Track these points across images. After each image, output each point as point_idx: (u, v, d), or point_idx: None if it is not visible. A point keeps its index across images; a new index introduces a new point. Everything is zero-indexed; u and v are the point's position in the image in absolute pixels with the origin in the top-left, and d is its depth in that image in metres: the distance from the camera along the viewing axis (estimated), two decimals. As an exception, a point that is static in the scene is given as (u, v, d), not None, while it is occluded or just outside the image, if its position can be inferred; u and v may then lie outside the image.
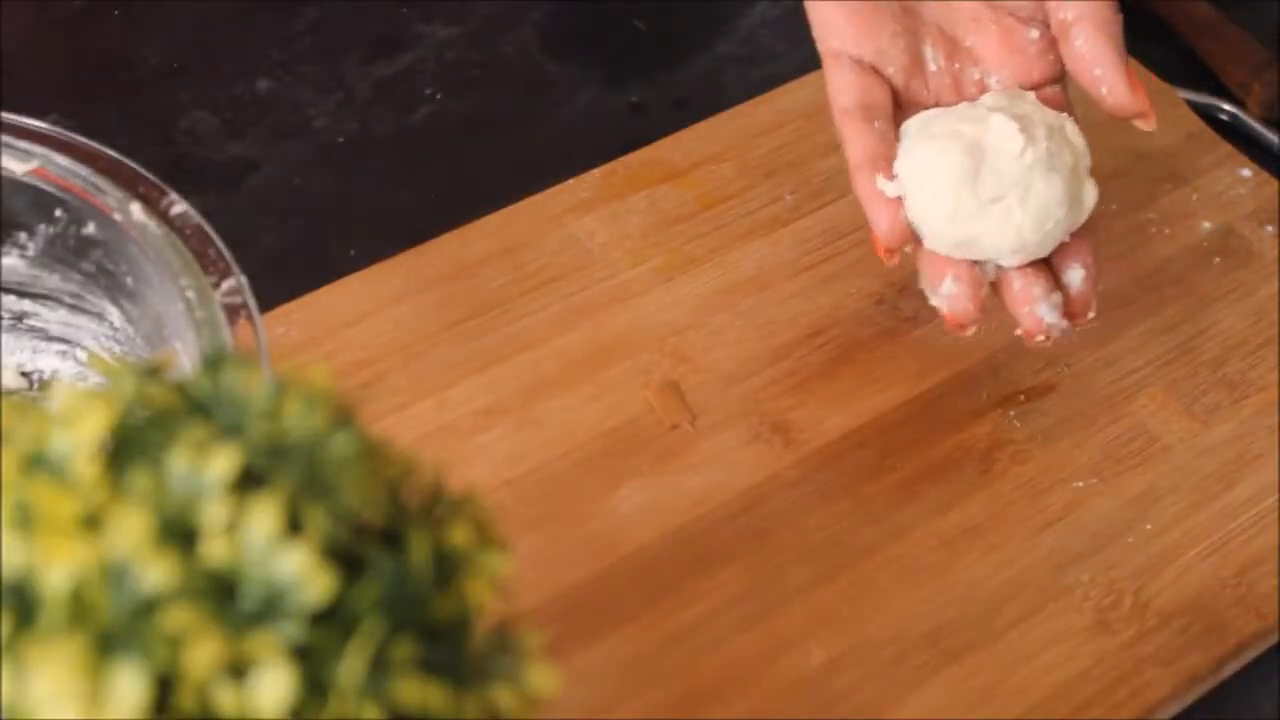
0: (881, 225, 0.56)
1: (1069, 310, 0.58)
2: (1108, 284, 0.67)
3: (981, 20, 0.60)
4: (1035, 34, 0.59)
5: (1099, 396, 0.63)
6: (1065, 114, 0.58)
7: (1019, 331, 0.57)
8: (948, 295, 0.57)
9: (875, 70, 0.59)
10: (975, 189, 0.55)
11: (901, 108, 0.59)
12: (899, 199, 0.56)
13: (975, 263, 0.57)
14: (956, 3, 0.60)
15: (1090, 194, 0.57)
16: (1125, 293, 0.67)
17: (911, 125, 0.58)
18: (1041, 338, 0.57)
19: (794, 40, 0.78)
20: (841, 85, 0.59)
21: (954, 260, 0.57)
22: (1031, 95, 0.59)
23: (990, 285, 0.57)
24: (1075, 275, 0.58)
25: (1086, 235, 0.58)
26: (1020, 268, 0.57)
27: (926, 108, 0.59)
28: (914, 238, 0.57)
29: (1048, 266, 0.58)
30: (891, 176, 0.57)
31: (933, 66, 0.60)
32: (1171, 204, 0.70)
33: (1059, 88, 0.60)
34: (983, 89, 0.60)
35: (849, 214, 0.68)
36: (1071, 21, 0.57)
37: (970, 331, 0.57)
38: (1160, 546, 0.59)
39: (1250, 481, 0.61)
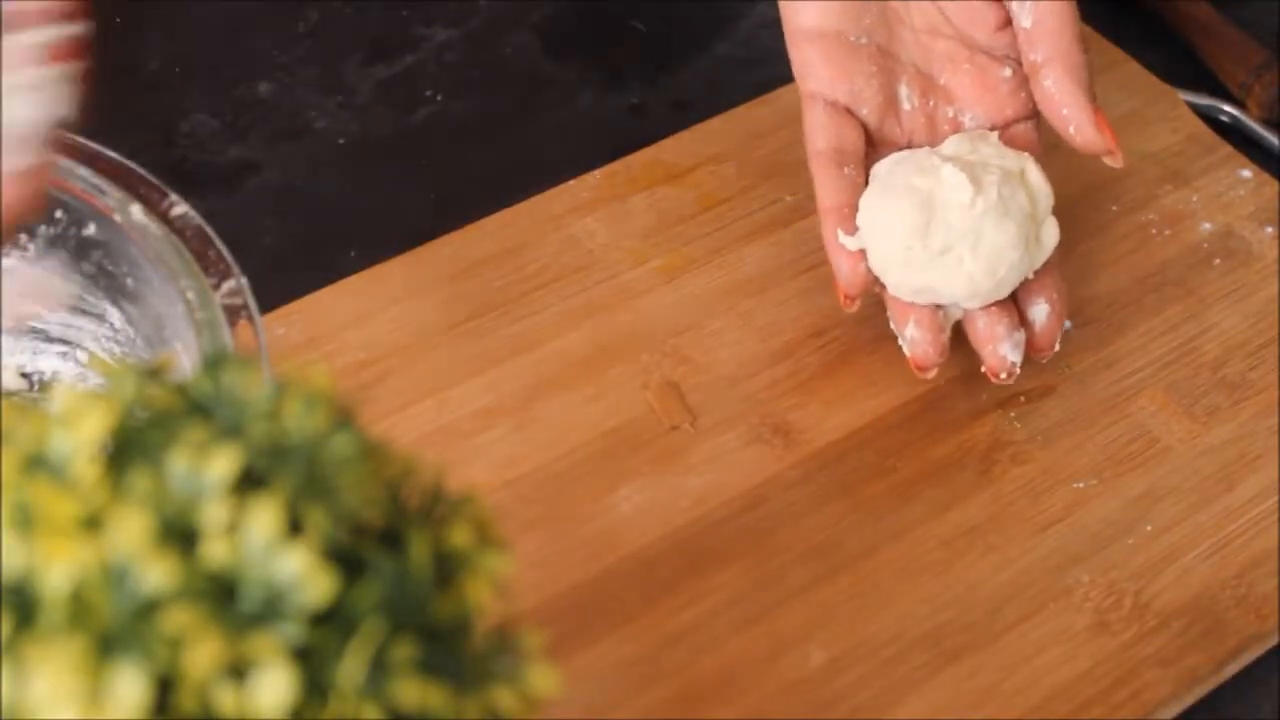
0: (843, 273, 0.60)
1: (1033, 345, 0.61)
2: (1108, 285, 0.67)
3: (956, 59, 0.62)
4: (1008, 72, 0.62)
5: (1099, 397, 0.63)
6: (1028, 155, 0.61)
7: (984, 369, 0.60)
8: (909, 340, 0.60)
9: (849, 111, 0.61)
10: (926, 241, 0.58)
11: (875, 146, 0.62)
12: (861, 251, 0.59)
13: (938, 306, 0.60)
14: (932, 43, 0.62)
15: (1051, 233, 0.60)
16: (1125, 294, 0.67)
17: (879, 169, 0.61)
18: (1005, 375, 0.60)
19: (794, 41, 0.78)
20: (815, 127, 0.61)
21: (916, 305, 0.60)
22: (994, 137, 0.61)
23: (957, 324, 0.60)
24: (1039, 312, 0.61)
25: (1051, 271, 0.61)
26: (984, 308, 0.60)
27: (900, 146, 0.62)
28: (875, 285, 0.60)
29: (1013, 304, 0.60)
30: (852, 230, 0.60)
31: (907, 106, 0.62)
32: (1172, 205, 0.70)
33: (1031, 125, 0.62)
34: (956, 127, 0.62)
35: (849, 215, 0.69)
36: (1041, 63, 0.59)
37: (931, 374, 0.60)
38: (1160, 547, 0.59)
39: (1250, 483, 0.61)
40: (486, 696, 0.34)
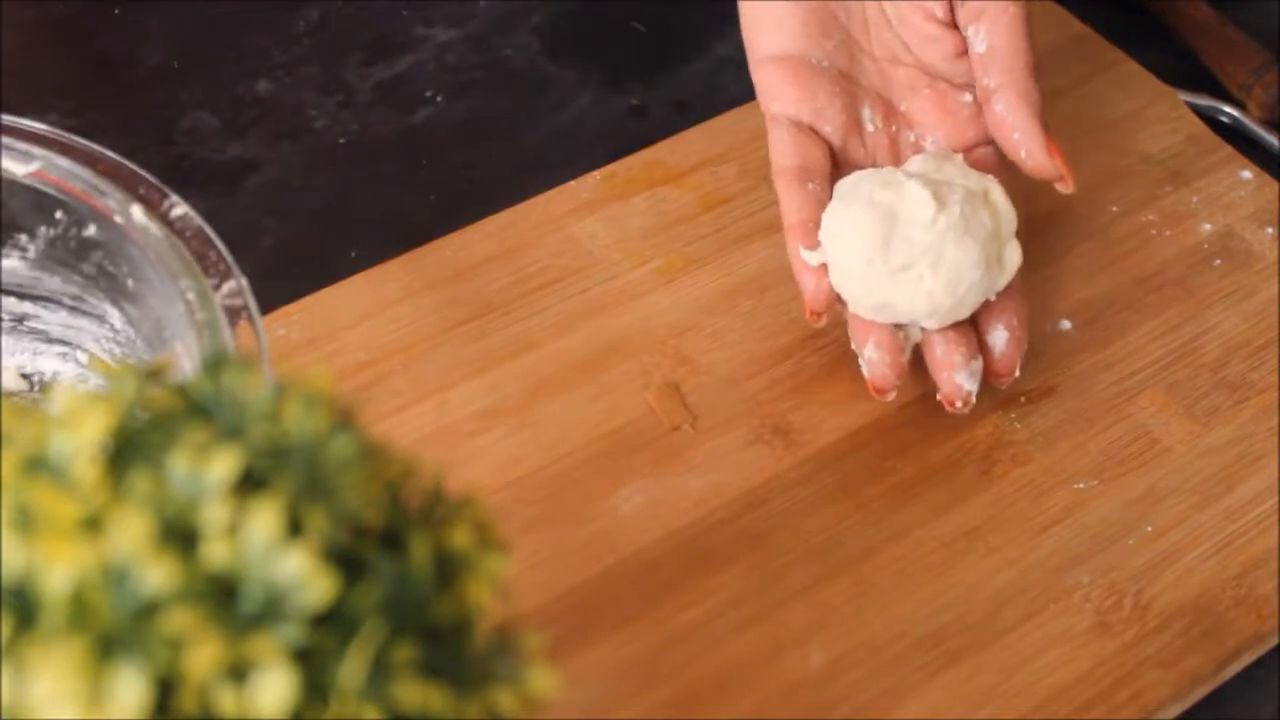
0: (807, 289, 0.60)
1: (991, 371, 0.60)
2: (1108, 286, 0.67)
3: (917, 86, 0.63)
4: (968, 98, 0.63)
5: (1099, 398, 0.63)
6: (991, 177, 0.61)
7: (939, 396, 0.59)
8: (868, 360, 0.60)
9: (813, 130, 0.62)
10: (886, 256, 0.57)
11: (839, 166, 0.62)
12: (823, 265, 0.59)
13: (899, 326, 0.59)
14: (893, 70, 0.63)
15: (1013, 256, 0.60)
16: (1125, 294, 0.67)
17: (842, 186, 0.60)
18: (960, 404, 0.59)
19: (794, 42, 0.78)
20: (780, 146, 0.62)
21: (876, 325, 0.59)
22: (959, 158, 0.61)
23: (916, 347, 0.60)
24: (999, 338, 0.60)
25: (1012, 296, 0.60)
26: (942, 331, 0.59)
27: (864, 166, 0.62)
28: (840, 301, 0.60)
29: (973, 329, 0.60)
30: (815, 245, 0.59)
31: (870, 128, 0.63)
32: (1172, 206, 0.70)
33: (993, 149, 0.63)
34: (918, 149, 0.63)
35: (849, 216, 0.69)
36: (993, 88, 0.60)
37: (890, 396, 0.59)
38: (1161, 548, 0.59)
39: (1251, 483, 0.61)
40: (487, 697, 0.34)
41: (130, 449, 0.33)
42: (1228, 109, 0.76)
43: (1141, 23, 0.80)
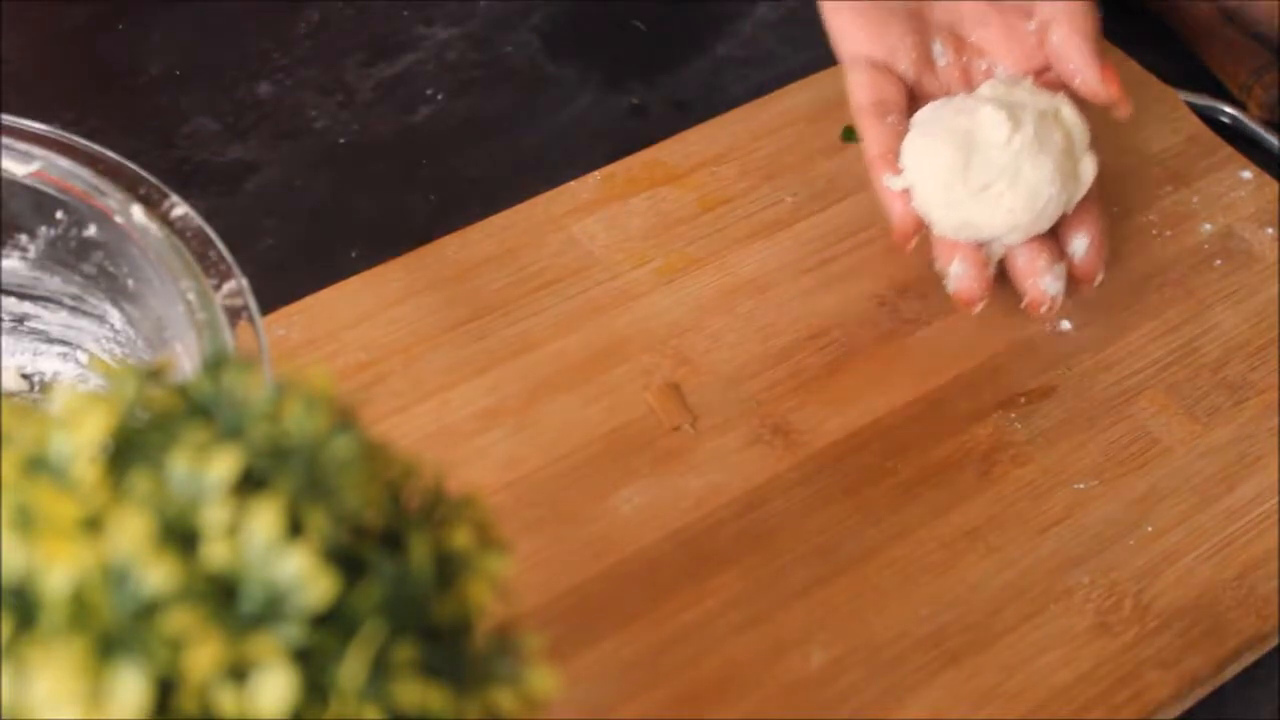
0: (895, 215, 0.63)
1: (1075, 276, 0.64)
2: (1109, 286, 0.67)
3: (985, 16, 0.66)
4: (1033, 25, 0.65)
5: (1100, 399, 0.63)
6: (1061, 95, 0.63)
7: (1024, 303, 0.63)
8: (955, 276, 0.63)
9: (888, 68, 0.64)
10: (966, 178, 0.60)
11: (915, 100, 0.65)
12: (907, 191, 0.62)
13: (982, 243, 0.62)
14: (960, 4, 0.66)
15: (1088, 167, 0.62)
16: (1126, 295, 0.67)
17: (919, 116, 0.63)
18: (1046, 308, 0.63)
19: (794, 42, 0.78)
20: (857, 85, 0.64)
21: (960, 243, 0.62)
22: (1028, 81, 0.64)
23: (1000, 262, 0.63)
24: (1079, 244, 0.63)
25: (1090, 205, 0.63)
26: (1026, 243, 0.62)
27: (939, 98, 0.64)
28: (925, 224, 0.63)
29: (1054, 238, 0.63)
30: (898, 172, 0.62)
31: (942, 61, 0.65)
32: (1172, 206, 0.70)
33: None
34: (989, 76, 0.65)
35: (850, 216, 0.69)
36: (1050, 17, 0.64)
37: (978, 309, 0.63)
38: (1161, 548, 0.59)
39: (1251, 484, 0.61)
40: (487, 697, 0.34)
41: (130, 449, 0.33)
42: (1228, 109, 0.76)
43: (1142, 23, 0.80)
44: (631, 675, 0.54)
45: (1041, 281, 0.62)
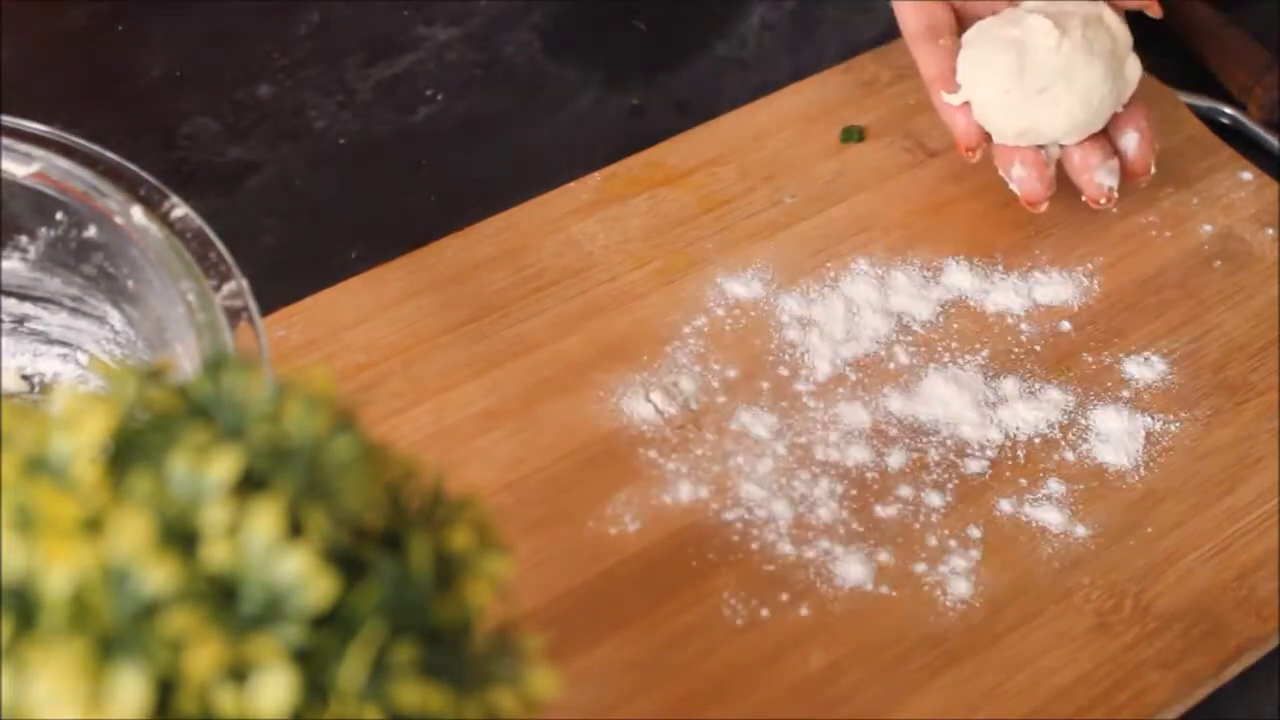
0: (958, 129, 0.66)
1: (1128, 171, 0.67)
2: (1109, 287, 0.67)
3: None
4: None
5: (1100, 399, 0.63)
6: (1102, 2, 0.66)
7: (1084, 198, 0.66)
8: (1018, 179, 0.66)
9: None
10: (1023, 84, 0.64)
11: (963, 21, 0.68)
12: (966, 104, 0.65)
13: (1040, 147, 0.65)
14: None
15: (1133, 68, 0.66)
16: (1126, 295, 0.67)
17: (969, 34, 0.67)
18: (1104, 200, 0.66)
19: (794, 43, 0.78)
20: (906, 14, 0.68)
21: (1020, 148, 0.65)
22: None
23: (1057, 164, 0.66)
24: (1130, 140, 0.67)
25: (1137, 104, 0.67)
26: (1079, 143, 0.66)
27: (985, 17, 0.67)
28: (987, 135, 0.66)
29: (1105, 137, 0.66)
30: (955, 89, 0.65)
31: None
32: (1172, 207, 0.70)
33: None
34: None
35: (851, 216, 0.69)
36: None
37: (1042, 208, 0.66)
38: (1161, 549, 0.59)
39: (1251, 485, 0.61)
40: (487, 698, 0.34)
41: (130, 450, 0.33)
42: (1228, 110, 0.76)
43: (1142, 25, 0.80)
44: (631, 676, 0.54)
45: (1098, 175, 0.65)
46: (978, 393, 0.62)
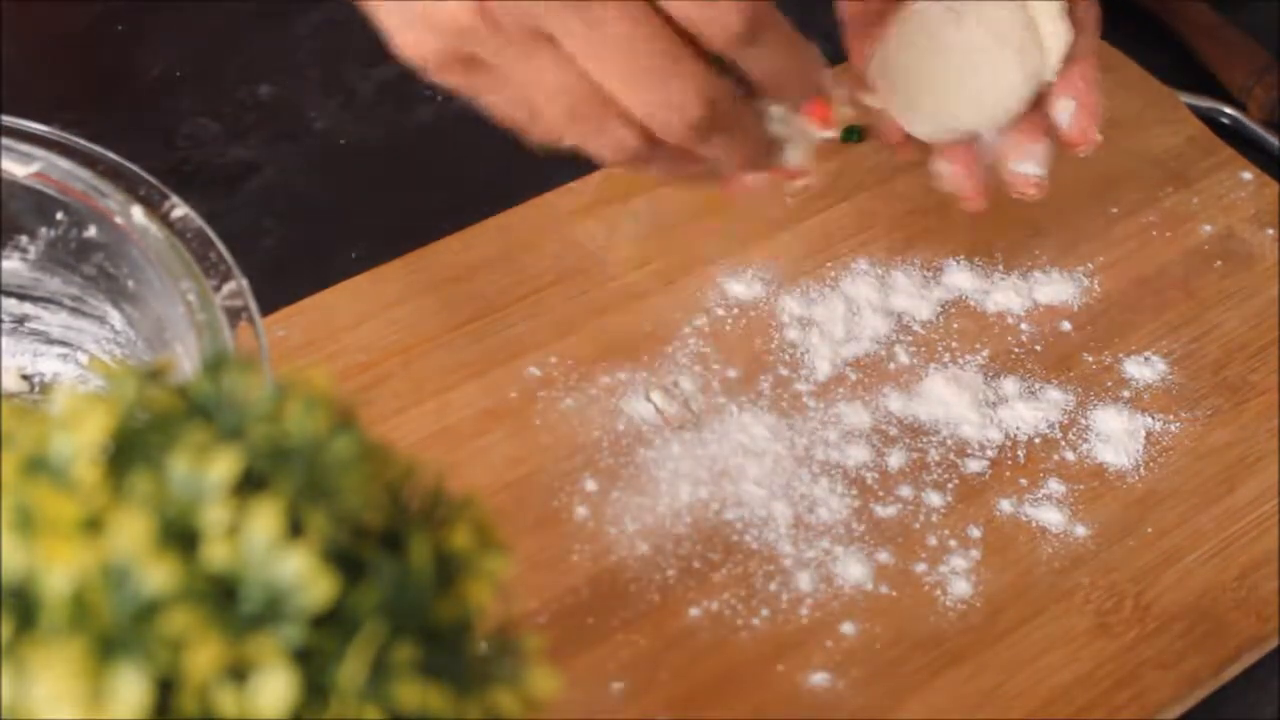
0: (882, 131, 0.62)
1: (1065, 142, 0.61)
2: (1108, 287, 0.67)
3: None
4: None
5: (1100, 399, 0.63)
6: None
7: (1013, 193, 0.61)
8: (945, 176, 0.62)
9: None
10: (926, 83, 0.60)
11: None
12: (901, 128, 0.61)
13: (969, 139, 0.61)
14: None
15: (1054, 32, 0.59)
16: (1126, 296, 0.67)
17: (888, 31, 0.61)
18: (1030, 191, 0.61)
19: (795, 43, 0.77)
20: (842, 8, 0.62)
21: (947, 145, 0.61)
22: None
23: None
24: (1064, 110, 0.60)
25: (1074, 66, 0.60)
26: (1008, 129, 0.60)
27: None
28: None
29: (1039, 116, 0.60)
30: (875, 92, 0.61)
31: None
32: (1172, 207, 0.70)
33: None
34: None
35: (851, 216, 0.69)
36: None
37: (974, 205, 0.62)
38: (1161, 549, 0.59)
39: (1251, 485, 0.61)
40: (487, 698, 0.34)
41: (130, 450, 0.33)
42: (1228, 110, 0.76)
43: (1142, 24, 0.80)
44: (631, 675, 0.54)
45: (1020, 166, 0.61)
46: (978, 393, 0.63)
